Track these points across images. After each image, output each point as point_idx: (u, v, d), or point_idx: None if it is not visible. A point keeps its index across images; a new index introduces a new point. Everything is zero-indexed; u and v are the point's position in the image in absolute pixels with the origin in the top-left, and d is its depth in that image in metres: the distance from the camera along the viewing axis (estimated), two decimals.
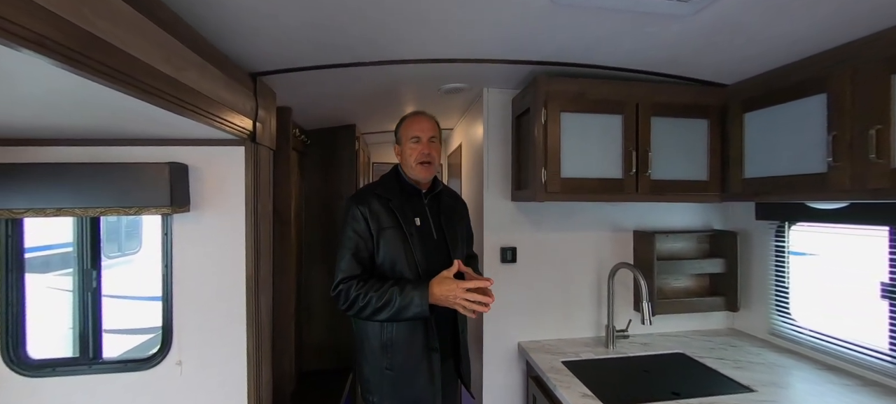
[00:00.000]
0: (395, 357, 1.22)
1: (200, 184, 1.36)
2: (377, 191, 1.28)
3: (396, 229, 1.24)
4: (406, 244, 1.23)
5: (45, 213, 1.19)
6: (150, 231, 3.67)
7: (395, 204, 1.26)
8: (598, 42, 1.25)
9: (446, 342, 1.32)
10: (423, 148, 1.29)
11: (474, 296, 1.12)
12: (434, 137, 1.32)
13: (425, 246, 1.27)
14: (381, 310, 1.15)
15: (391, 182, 1.32)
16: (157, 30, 0.81)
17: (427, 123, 1.32)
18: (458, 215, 1.43)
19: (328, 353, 2.42)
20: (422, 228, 1.29)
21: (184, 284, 1.36)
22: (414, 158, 1.29)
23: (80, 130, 1.20)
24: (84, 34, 0.63)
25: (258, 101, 1.35)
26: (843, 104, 1.14)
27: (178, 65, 0.87)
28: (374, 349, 1.25)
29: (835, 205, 1.40)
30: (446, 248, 1.31)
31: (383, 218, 1.24)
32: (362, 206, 1.24)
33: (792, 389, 1.33)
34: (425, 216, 1.32)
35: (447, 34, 1.19)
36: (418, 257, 1.23)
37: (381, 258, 1.23)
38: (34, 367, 1.31)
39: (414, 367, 1.23)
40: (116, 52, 0.69)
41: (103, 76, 0.67)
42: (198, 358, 1.36)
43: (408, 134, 1.31)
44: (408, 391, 1.23)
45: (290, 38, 1.14)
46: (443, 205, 1.38)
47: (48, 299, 2.33)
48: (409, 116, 1.35)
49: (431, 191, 1.37)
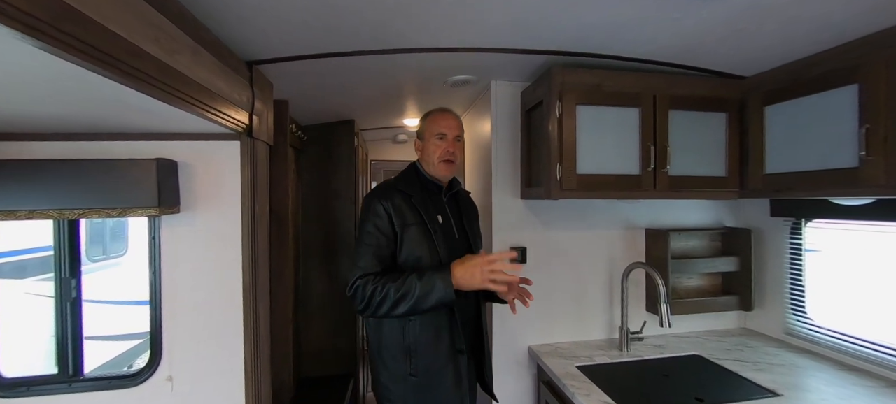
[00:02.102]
0: (420, 361, 1.15)
1: (191, 182, 1.25)
2: (399, 186, 1.23)
3: (420, 226, 1.18)
4: (430, 241, 1.17)
5: (16, 216, 1.07)
6: (137, 233, 3.51)
7: (418, 200, 1.21)
8: (620, 29, 1.18)
9: (472, 342, 1.27)
10: (448, 146, 1.25)
11: (502, 268, 1.04)
12: (459, 136, 1.29)
13: (449, 244, 1.22)
14: (401, 302, 1.06)
15: (412, 178, 1.27)
16: (144, 5, 0.70)
17: (454, 121, 1.28)
18: (473, 215, 1.42)
19: (327, 358, 2.31)
20: (444, 225, 1.25)
21: (174, 292, 1.25)
22: (438, 155, 1.25)
23: (55, 123, 1.08)
24: (54, 2, 0.53)
25: (255, 92, 1.25)
26: (877, 95, 1.09)
27: (169, 47, 0.77)
28: (395, 355, 1.17)
29: (858, 202, 1.36)
30: (468, 247, 1.28)
31: (407, 214, 1.18)
32: (386, 202, 1.17)
33: (818, 392, 1.28)
34: (446, 214, 1.28)
35: (457, 19, 1.10)
36: (443, 254, 1.17)
37: (404, 256, 1.16)
38: (6, 387, 1.19)
39: (439, 371, 1.16)
40: (94, 25, 0.58)
41: (78, 53, 0.57)
42: (190, 372, 1.25)
43: (433, 130, 1.26)
44: (433, 397, 1.16)
45: (291, 21, 1.04)
46: (462, 204, 1.35)
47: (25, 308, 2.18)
48: (435, 112, 1.30)
49: (450, 190, 1.34)
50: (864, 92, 1.12)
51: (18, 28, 0.49)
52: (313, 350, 2.30)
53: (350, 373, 2.30)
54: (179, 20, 0.84)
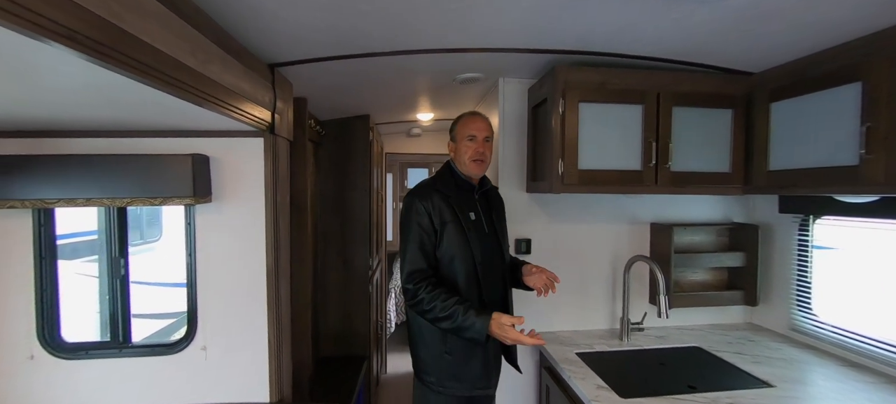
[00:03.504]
0: (455, 342, 1.29)
1: (221, 174, 1.39)
2: (437, 186, 1.35)
3: (456, 224, 1.30)
4: (464, 238, 1.30)
5: (76, 203, 1.23)
6: (170, 219, 3.77)
7: (454, 199, 1.33)
8: (622, 30, 1.21)
9: None
10: (478, 147, 1.34)
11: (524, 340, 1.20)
12: (488, 137, 1.38)
13: (480, 240, 1.33)
14: (442, 321, 1.22)
15: (447, 178, 1.39)
16: (183, 23, 0.81)
17: (483, 123, 1.37)
18: (502, 211, 1.52)
19: (343, 341, 2.47)
20: (476, 222, 1.35)
21: (207, 273, 1.40)
22: (469, 156, 1.34)
23: (105, 122, 1.23)
24: (113, 29, 0.64)
25: (276, 93, 1.36)
26: (879, 94, 1.09)
27: (202, 58, 0.88)
28: (434, 334, 1.31)
29: (864, 199, 1.35)
30: (498, 242, 1.39)
31: (445, 212, 1.30)
32: (426, 202, 1.30)
33: (814, 386, 1.31)
34: (478, 211, 1.38)
35: (466, 23, 1.17)
36: (475, 250, 1.30)
37: (442, 251, 1.30)
38: (69, 350, 1.38)
39: (471, 351, 1.30)
40: (144, 46, 0.70)
41: (132, 70, 0.69)
42: (221, 343, 1.41)
43: (464, 132, 1.36)
44: (465, 372, 1.32)
45: (309, 27, 1.14)
46: (492, 202, 1.45)
47: (77, 285, 2.42)
48: (465, 115, 1.40)
49: (481, 188, 1.43)
50: (867, 90, 1.12)
51: (87, 53, 0.60)
52: (331, 332, 2.45)
53: (364, 355, 2.45)
54: (211, 33, 0.95)
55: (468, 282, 1.29)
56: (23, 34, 0.52)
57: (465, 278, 1.29)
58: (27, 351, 1.35)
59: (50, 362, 1.36)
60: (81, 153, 1.27)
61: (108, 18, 0.63)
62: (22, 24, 0.50)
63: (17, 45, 0.59)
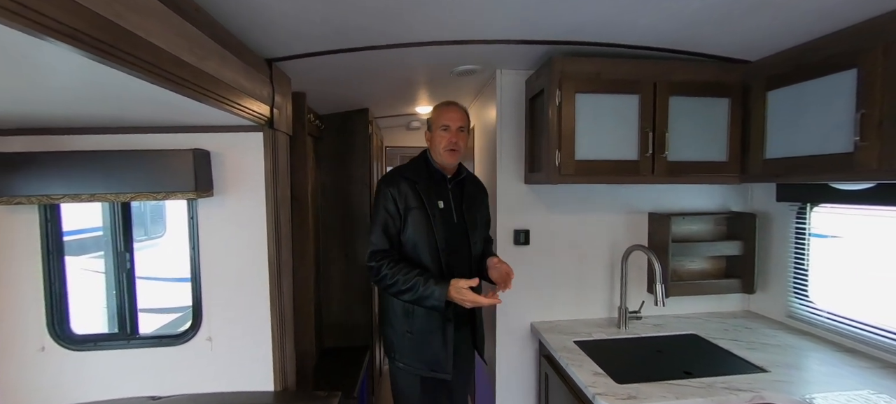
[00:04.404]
0: (415, 323, 1.38)
1: (222, 169, 1.41)
2: (406, 173, 1.40)
3: (421, 210, 1.35)
4: (429, 224, 1.35)
5: (81, 199, 1.26)
6: (173, 216, 3.80)
7: (422, 186, 1.37)
8: (618, 18, 1.22)
9: (463, 313, 1.43)
10: (452, 136, 1.38)
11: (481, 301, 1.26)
12: (463, 127, 1.40)
13: (446, 227, 1.37)
14: (404, 293, 1.30)
15: (420, 166, 1.43)
16: (181, 20, 0.83)
17: (457, 113, 1.40)
18: (478, 202, 1.53)
19: (346, 331, 2.51)
20: (444, 210, 1.39)
21: (210, 266, 1.43)
22: (442, 145, 1.38)
23: (108, 119, 1.25)
24: (114, 27, 0.65)
25: (274, 87, 1.37)
26: (873, 81, 1.09)
27: (201, 54, 0.90)
28: (398, 315, 1.40)
29: (860, 186, 1.36)
30: (465, 232, 1.42)
31: (411, 198, 1.36)
32: (392, 187, 1.36)
33: (807, 371, 1.33)
34: (448, 200, 1.41)
35: (461, 15, 1.17)
36: (439, 237, 1.35)
37: (407, 235, 1.36)
38: (78, 342, 1.42)
39: (431, 332, 1.37)
40: (144, 43, 0.71)
41: (133, 67, 0.70)
42: (226, 334, 1.44)
43: (438, 122, 1.40)
44: (425, 352, 1.38)
45: (304, 21, 1.15)
46: (466, 192, 1.47)
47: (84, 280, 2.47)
48: (440, 105, 1.43)
49: (456, 177, 1.46)
50: (862, 77, 1.12)
51: (90, 51, 0.62)
52: (333, 323, 2.49)
53: (367, 346, 2.49)
54: (208, 29, 0.96)
55: (430, 267, 1.34)
56: (26, 33, 0.54)
57: (428, 264, 1.34)
58: (38, 343, 1.39)
59: (60, 353, 1.40)
60: (85, 149, 1.29)
61: (110, 17, 0.64)
62: (26, 24, 0.52)
63: (20, 44, 0.61)
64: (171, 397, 1.41)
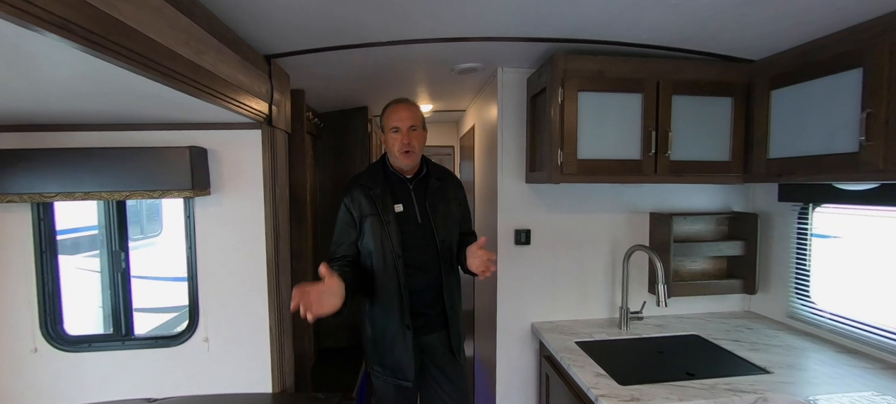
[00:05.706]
0: (376, 329, 1.38)
1: (219, 167, 1.39)
2: (361, 181, 1.37)
3: (375, 217, 1.32)
4: (383, 231, 1.31)
5: (74, 197, 1.23)
6: (170, 215, 3.77)
7: (376, 193, 1.34)
8: (621, 15, 1.20)
9: (432, 318, 1.40)
10: (403, 138, 1.32)
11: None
12: (414, 126, 1.34)
13: (407, 232, 1.34)
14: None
15: (377, 171, 1.39)
16: (176, 13, 0.81)
17: (406, 112, 1.34)
18: (446, 194, 1.44)
19: (344, 332, 2.49)
20: (404, 214, 1.35)
21: (208, 265, 1.40)
22: (396, 148, 1.33)
23: (103, 115, 1.23)
24: (107, 18, 0.63)
25: (273, 84, 1.35)
26: (879, 80, 1.08)
27: (197, 48, 0.87)
28: (365, 320, 1.41)
29: (864, 187, 1.35)
30: (431, 232, 1.37)
31: (364, 206, 1.33)
32: (347, 197, 1.36)
33: (810, 371, 1.32)
34: (410, 202, 1.37)
35: (463, 11, 1.16)
36: (394, 243, 1.31)
37: (363, 243, 1.35)
38: (72, 343, 1.39)
39: (392, 339, 1.36)
40: (138, 35, 0.69)
41: (126, 59, 0.68)
42: (223, 335, 1.42)
43: (389, 124, 1.35)
44: (389, 358, 1.37)
45: (303, 16, 1.13)
46: (429, 189, 1.41)
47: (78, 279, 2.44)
48: (390, 105, 1.38)
49: (417, 176, 1.41)
50: (868, 76, 1.11)
51: (80, 42, 0.60)
52: (331, 323, 2.46)
53: None
54: (205, 23, 0.94)
55: (386, 274, 1.32)
56: (16, 23, 0.52)
57: (382, 270, 1.32)
58: (31, 344, 1.36)
59: (53, 355, 1.38)
60: (79, 146, 1.26)
61: (102, 8, 0.62)
62: (14, 14, 0.50)
63: (9, 35, 0.58)
64: (167, 399, 1.39)
